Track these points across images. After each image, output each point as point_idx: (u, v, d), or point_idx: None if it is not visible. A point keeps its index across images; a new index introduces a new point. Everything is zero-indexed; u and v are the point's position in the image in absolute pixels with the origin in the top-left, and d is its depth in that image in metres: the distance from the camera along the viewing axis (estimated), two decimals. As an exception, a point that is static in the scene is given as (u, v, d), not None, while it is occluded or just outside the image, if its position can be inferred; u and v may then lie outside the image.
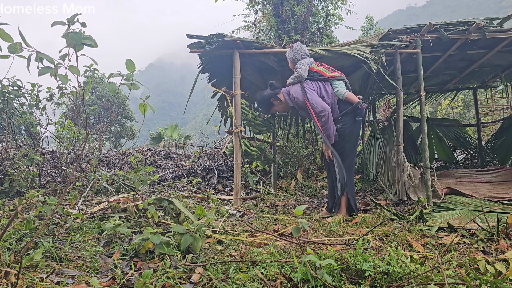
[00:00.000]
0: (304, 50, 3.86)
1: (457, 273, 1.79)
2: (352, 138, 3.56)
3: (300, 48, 3.87)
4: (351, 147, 3.58)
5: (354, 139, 3.59)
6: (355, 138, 3.62)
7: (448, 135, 7.21)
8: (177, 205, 2.92)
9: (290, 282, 1.71)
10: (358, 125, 3.59)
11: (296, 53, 3.84)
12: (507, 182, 4.91)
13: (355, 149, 3.70)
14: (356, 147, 3.71)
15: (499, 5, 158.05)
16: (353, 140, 3.59)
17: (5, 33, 1.61)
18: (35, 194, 2.59)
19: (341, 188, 3.40)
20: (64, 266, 1.96)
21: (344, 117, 3.55)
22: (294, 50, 3.86)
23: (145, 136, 34.21)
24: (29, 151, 4.85)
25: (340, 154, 3.50)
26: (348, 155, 3.56)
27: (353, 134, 3.56)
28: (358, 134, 3.70)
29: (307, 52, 3.90)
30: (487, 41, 4.52)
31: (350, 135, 3.54)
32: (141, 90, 7.78)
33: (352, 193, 3.54)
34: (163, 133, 22.98)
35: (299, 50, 3.85)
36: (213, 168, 7.41)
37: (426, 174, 3.96)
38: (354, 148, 3.66)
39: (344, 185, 3.43)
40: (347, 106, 3.55)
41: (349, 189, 3.51)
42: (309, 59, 3.81)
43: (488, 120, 12.70)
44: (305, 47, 3.91)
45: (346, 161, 3.53)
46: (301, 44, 3.94)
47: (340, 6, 8.88)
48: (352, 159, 3.61)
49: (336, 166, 3.46)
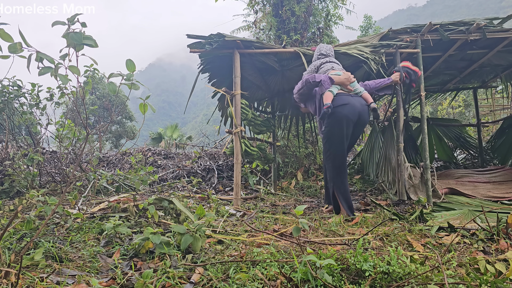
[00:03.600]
0: (319, 50, 3.94)
1: (457, 273, 1.79)
2: (334, 138, 3.48)
3: (317, 49, 3.99)
4: (333, 147, 3.49)
5: (336, 139, 3.48)
6: (337, 138, 3.48)
7: (448, 135, 7.20)
8: (177, 205, 2.92)
9: (290, 282, 1.71)
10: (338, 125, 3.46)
11: (314, 54, 3.98)
12: (507, 182, 4.91)
13: (337, 148, 3.50)
14: (338, 146, 3.50)
15: (499, 5, 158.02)
16: (336, 141, 3.47)
17: (5, 33, 1.61)
18: (35, 194, 2.60)
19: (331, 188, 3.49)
20: (64, 266, 1.96)
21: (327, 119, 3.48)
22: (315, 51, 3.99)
23: (145, 136, 34.22)
24: (29, 151, 4.85)
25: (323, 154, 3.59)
26: (329, 155, 3.54)
27: (334, 134, 3.46)
28: (339, 134, 3.49)
29: (324, 51, 3.93)
30: (487, 41, 4.51)
31: (331, 136, 3.49)
32: (141, 90, 7.79)
33: (341, 193, 3.47)
34: (163, 133, 22.98)
35: (315, 52, 3.98)
36: (213, 168, 7.41)
37: (426, 174, 3.96)
38: (336, 147, 3.49)
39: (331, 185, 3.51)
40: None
41: (337, 189, 3.50)
42: (318, 61, 3.86)
43: (488, 120, 12.70)
44: (324, 46, 3.94)
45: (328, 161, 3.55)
46: (321, 44, 3.99)
47: (340, 6, 8.88)
48: (333, 159, 3.51)
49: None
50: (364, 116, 3.49)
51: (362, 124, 3.55)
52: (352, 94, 3.56)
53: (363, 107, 3.49)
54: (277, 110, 6.22)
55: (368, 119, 3.60)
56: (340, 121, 3.40)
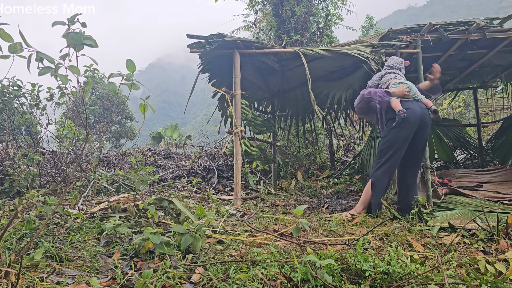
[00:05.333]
0: (387, 62, 3.95)
1: (457, 273, 1.79)
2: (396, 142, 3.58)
3: (388, 60, 3.99)
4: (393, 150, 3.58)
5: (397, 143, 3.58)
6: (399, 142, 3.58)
7: (448, 135, 7.20)
8: (177, 205, 2.92)
9: (290, 282, 1.71)
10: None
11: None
12: (507, 182, 4.91)
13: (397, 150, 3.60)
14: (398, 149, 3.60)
15: (499, 5, 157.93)
16: (396, 144, 3.57)
17: (5, 33, 1.61)
18: (35, 194, 2.60)
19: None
20: (64, 266, 1.96)
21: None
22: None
23: (146, 136, 34.20)
24: (29, 151, 4.85)
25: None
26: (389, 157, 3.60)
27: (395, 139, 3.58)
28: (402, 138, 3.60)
29: (392, 63, 3.92)
30: (487, 41, 4.51)
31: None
32: (141, 90, 7.78)
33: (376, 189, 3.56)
34: (163, 133, 22.97)
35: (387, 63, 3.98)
36: (213, 168, 7.41)
37: (426, 174, 3.96)
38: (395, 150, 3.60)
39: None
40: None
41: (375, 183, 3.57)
42: (383, 71, 3.91)
43: (488, 120, 12.69)
44: (393, 59, 3.93)
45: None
46: (393, 56, 3.98)
47: (340, 6, 8.89)
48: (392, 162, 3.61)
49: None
50: (425, 119, 3.54)
51: (425, 128, 3.57)
52: (412, 100, 3.61)
53: (423, 110, 3.56)
54: (277, 110, 6.22)
55: (430, 121, 3.63)
56: (402, 125, 3.47)
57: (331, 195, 5.49)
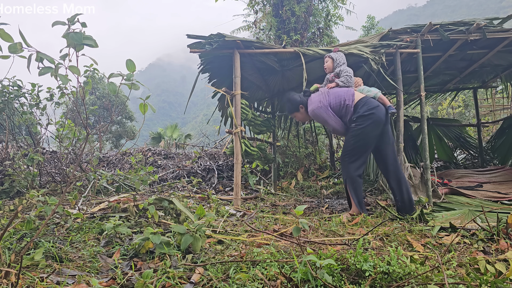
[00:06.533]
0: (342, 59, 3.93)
1: (457, 273, 1.79)
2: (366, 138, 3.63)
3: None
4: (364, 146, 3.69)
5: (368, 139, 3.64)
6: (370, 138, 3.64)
7: (448, 135, 7.21)
8: (178, 205, 2.92)
9: (290, 282, 1.71)
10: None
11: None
12: (507, 182, 4.91)
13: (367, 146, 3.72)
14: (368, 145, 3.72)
15: (499, 5, 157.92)
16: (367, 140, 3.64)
17: (5, 33, 1.61)
18: (36, 194, 2.60)
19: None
20: (64, 266, 1.96)
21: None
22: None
23: (146, 136, 34.19)
24: (29, 151, 4.85)
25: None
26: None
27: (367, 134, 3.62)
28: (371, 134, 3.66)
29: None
30: (487, 41, 4.52)
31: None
32: (141, 90, 7.78)
33: (353, 188, 3.62)
34: (163, 133, 22.98)
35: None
36: (213, 168, 7.41)
37: (426, 174, 3.96)
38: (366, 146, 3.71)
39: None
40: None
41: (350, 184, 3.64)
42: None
43: (488, 120, 12.69)
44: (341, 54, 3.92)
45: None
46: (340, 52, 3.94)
47: (340, 6, 8.89)
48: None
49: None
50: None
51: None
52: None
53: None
54: (277, 110, 6.22)
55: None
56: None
57: (331, 195, 5.48)
